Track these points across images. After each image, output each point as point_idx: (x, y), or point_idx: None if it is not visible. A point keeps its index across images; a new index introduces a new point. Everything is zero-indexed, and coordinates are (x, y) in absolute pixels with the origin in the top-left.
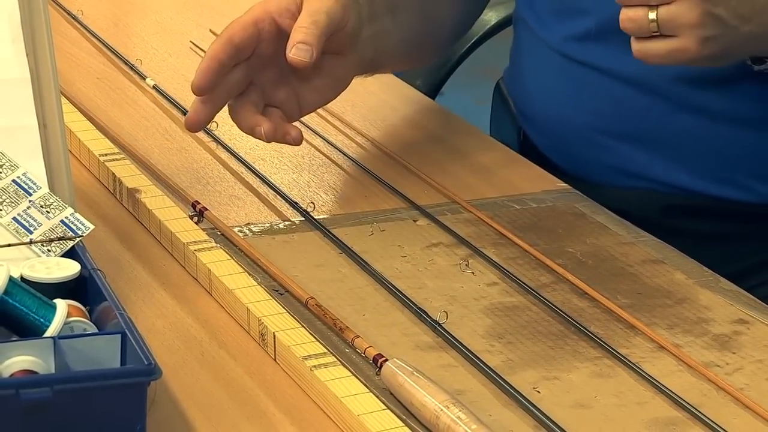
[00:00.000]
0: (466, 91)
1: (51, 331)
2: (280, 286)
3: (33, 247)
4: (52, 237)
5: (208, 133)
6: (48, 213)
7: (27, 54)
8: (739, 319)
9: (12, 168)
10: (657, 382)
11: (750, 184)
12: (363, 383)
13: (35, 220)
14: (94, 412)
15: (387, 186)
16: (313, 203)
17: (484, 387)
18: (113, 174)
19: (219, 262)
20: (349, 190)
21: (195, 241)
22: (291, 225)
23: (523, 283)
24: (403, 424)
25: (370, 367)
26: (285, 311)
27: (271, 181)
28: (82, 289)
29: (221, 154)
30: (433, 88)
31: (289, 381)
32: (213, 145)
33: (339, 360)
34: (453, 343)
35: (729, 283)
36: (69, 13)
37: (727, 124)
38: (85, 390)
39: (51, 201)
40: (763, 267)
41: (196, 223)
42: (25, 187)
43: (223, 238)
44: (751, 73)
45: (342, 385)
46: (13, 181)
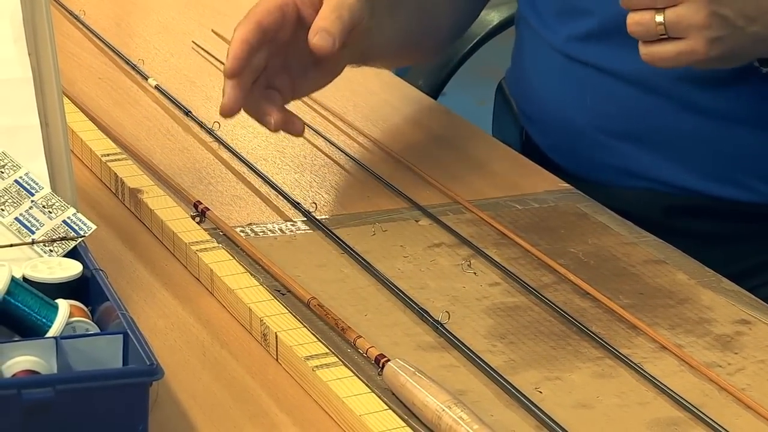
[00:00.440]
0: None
1: (53, 331)
2: (282, 287)
3: (35, 247)
4: (54, 237)
5: (210, 133)
6: (50, 213)
7: (29, 54)
8: (741, 320)
9: (14, 168)
10: (659, 382)
11: (752, 184)
12: (365, 383)
13: (37, 221)
14: (96, 412)
15: (389, 186)
16: (315, 203)
17: (486, 387)
18: (115, 174)
19: (221, 263)
20: (351, 191)
21: (197, 242)
22: (293, 225)
23: (525, 283)
24: (404, 425)
25: (372, 368)
26: (287, 311)
27: (273, 181)
28: (84, 289)
29: (223, 155)
30: (435, 88)
31: (291, 381)
32: (215, 145)
33: (341, 360)
34: (455, 343)
35: (731, 283)
36: (71, 13)
37: (730, 124)
38: (87, 390)
39: (53, 201)
40: (765, 267)
41: (198, 223)
42: (27, 187)
43: (225, 238)
44: (754, 73)
45: (344, 385)
46: (16, 181)
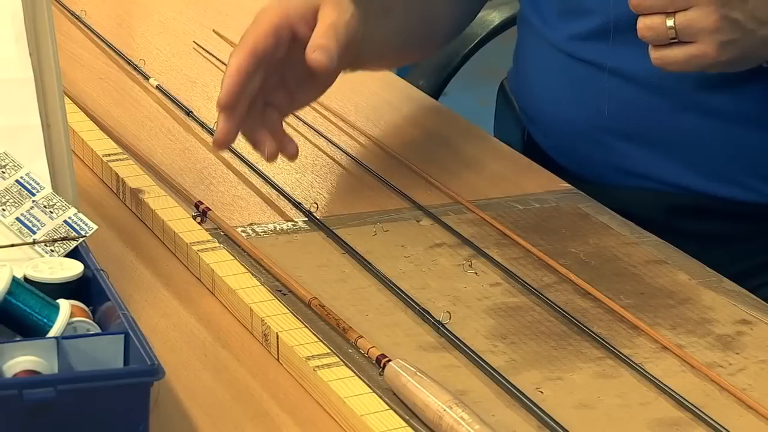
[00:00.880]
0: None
1: (54, 331)
2: (283, 287)
3: (36, 247)
4: (55, 237)
5: (211, 134)
6: (51, 213)
7: (30, 54)
8: (742, 320)
9: (15, 168)
10: (660, 382)
11: (754, 184)
12: (366, 383)
13: (38, 221)
14: (97, 412)
15: (390, 186)
16: (316, 203)
17: (487, 387)
18: (116, 174)
19: (222, 263)
20: (353, 191)
21: (198, 242)
22: (294, 225)
23: (526, 283)
24: (406, 425)
25: (373, 368)
26: (288, 311)
27: (275, 181)
28: (86, 289)
29: (224, 155)
30: (436, 88)
31: (292, 381)
32: None
33: (342, 360)
34: (456, 343)
35: (732, 283)
36: (72, 13)
37: (732, 124)
38: (88, 390)
39: (54, 201)
40: (766, 267)
41: (199, 223)
42: (29, 187)
43: (227, 239)
44: (757, 73)
45: (345, 385)
46: (17, 181)
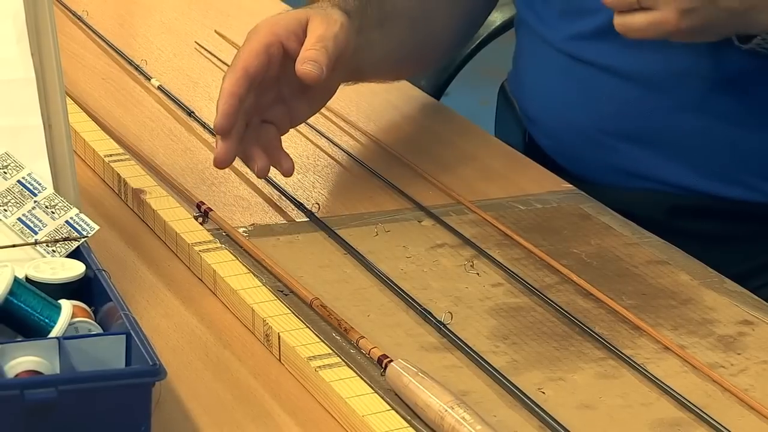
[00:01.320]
0: (471, 91)
1: (56, 331)
2: (284, 287)
3: (38, 247)
4: (57, 237)
5: (213, 134)
6: (53, 213)
7: (32, 54)
8: (744, 320)
9: (17, 168)
10: (662, 383)
11: (756, 184)
12: (368, 384)
13: (40, 221)
14: (99, 412)
15: (392, 187)
16: (317, 204)
17: (489, 388)
18: (118, 174)
19: (224, 263)
20: (354, 191)
21: (200, 242)
22: (296, 226)
23: (528, 283)
24: (407, 425)
25: (374, 368)
26: (290, 312)
27: (276, 181)
28: (87, 289)
29: None
30: (438, 88)
31: (294, 381)
32: None
33: (344, 360)
34: (458, 343)
35: (734, 284)
36: (74, 14)
37: (733, 124)
38: (90, 390)
39: (56, 201)
40: None
41: (200, 223)
42: (30, 187)
43: (228, 239)
44: (757, 73)
45: (347, 385)
46: (18, 181)
